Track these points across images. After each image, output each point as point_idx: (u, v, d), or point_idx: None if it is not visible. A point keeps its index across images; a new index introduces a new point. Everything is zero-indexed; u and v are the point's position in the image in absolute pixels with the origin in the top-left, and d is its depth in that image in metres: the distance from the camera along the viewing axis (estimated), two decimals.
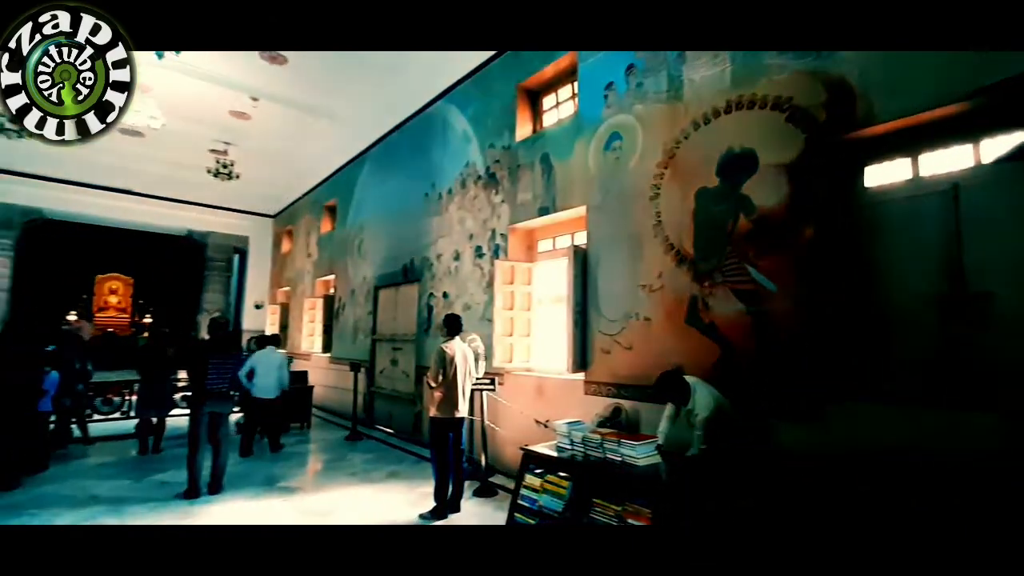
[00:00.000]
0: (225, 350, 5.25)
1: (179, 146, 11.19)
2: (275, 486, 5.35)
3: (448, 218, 7.29)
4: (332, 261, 11.38)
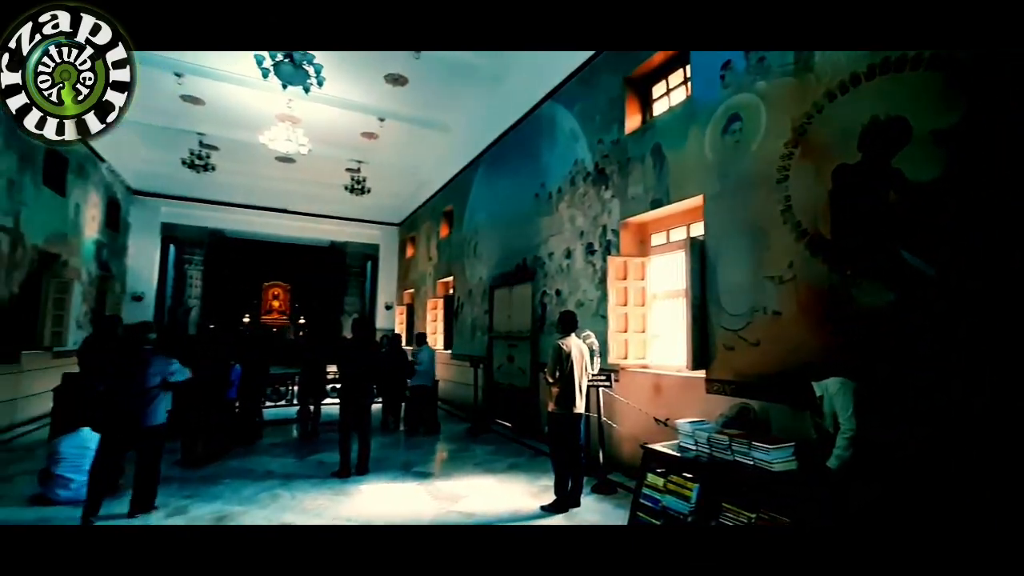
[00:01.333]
0: (367, 347, 5.73)
1: (321, 168, 12.46)
2: (411, 471, 5.71)
3: (558, 217, 7.26)
4: (450, 263, 11.92)
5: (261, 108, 9.21)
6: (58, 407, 6.04)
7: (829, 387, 3.01)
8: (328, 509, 4.45)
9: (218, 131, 10.43)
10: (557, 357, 4.46)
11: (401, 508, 4.50)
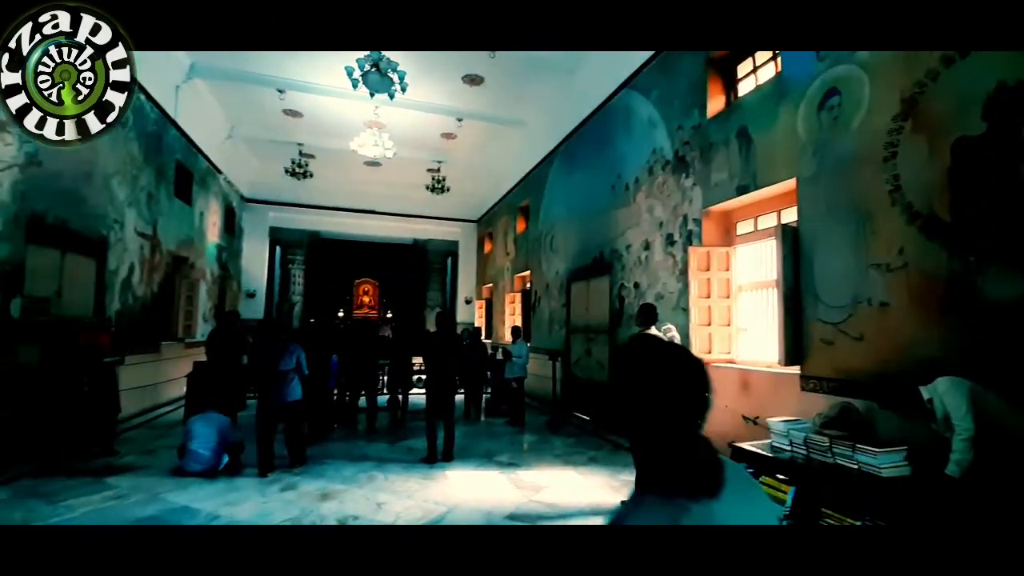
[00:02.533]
0: (449, 340, 5.91)
1: (405, 170, 12.99)
2: (493, 459, 5.82)
3: (636, 208, 7.04)
4: (527, 258, 11.96)
5: (351, 116, 9.75)
6: (190, 391, 6.80)
7: (939, 387, 2.66)
8: (418, 492, 4.64)
9: (314, 140, 11.19)
10: None
11: (485, 494, 4.60)
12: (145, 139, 7.97)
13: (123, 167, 7.34)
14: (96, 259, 6.75)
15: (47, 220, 5.63)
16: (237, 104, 9.63)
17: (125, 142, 7.36)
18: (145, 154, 7.98)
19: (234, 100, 9.43)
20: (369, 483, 4.86)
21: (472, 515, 4.08)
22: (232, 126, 10.59)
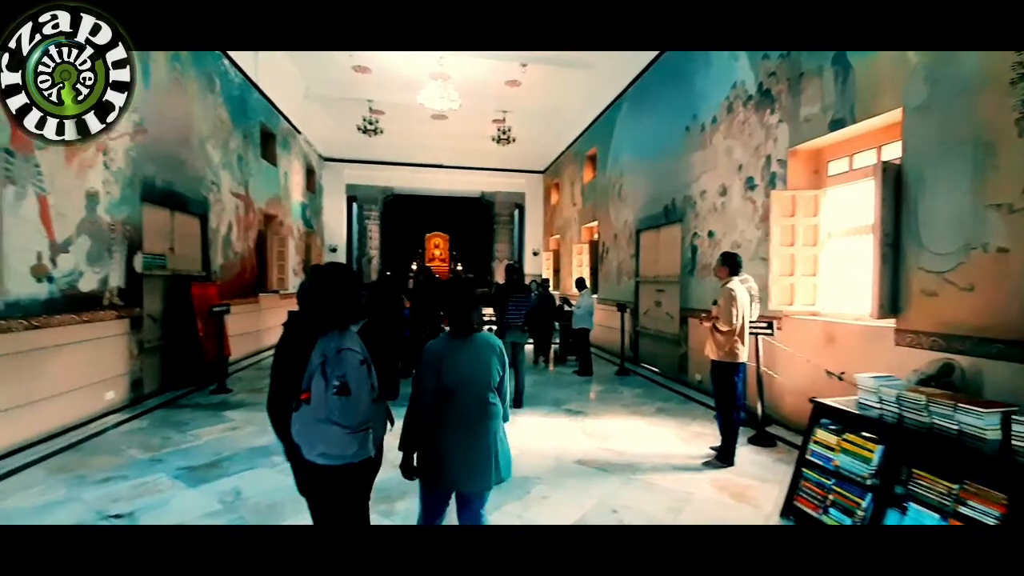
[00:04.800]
0: (520, 291, 5.99)
1: (470, 121, 12.85)
2: (562, 407, 5.95)
3: (712, 151, 6.56)
4: (595, 208, 11.64)
5: (417, 69, 9.68)
6: None
7: None
8: None
9: (383, 96, 11.29)
10: (730, 300, 4.06)
11: (554, 440, 4.73)
12: (231, 103, 8.41)
13: (215, 131, 7.82)
14: (200, 218, 7.37)
15: (157, 184, 6.17)
16: (310, 63, 9.82)
17: (215, 107, 7.81)
18: (233, 118, 8.45)
19: (307, 59, 9.62)
20: None
21: (542, 458, 4.22)
22: (307, 86, 10.87)
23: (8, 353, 3.98)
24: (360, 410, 1.82)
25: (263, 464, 3.96)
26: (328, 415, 1.78)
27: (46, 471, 3.74)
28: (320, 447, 1.81)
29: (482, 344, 2.23)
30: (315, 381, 1.78)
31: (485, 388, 2.18)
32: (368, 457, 1.91)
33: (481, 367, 2.18)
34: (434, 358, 2.16)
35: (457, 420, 2.14)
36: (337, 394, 1.78)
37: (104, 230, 5.18)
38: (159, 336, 6.32)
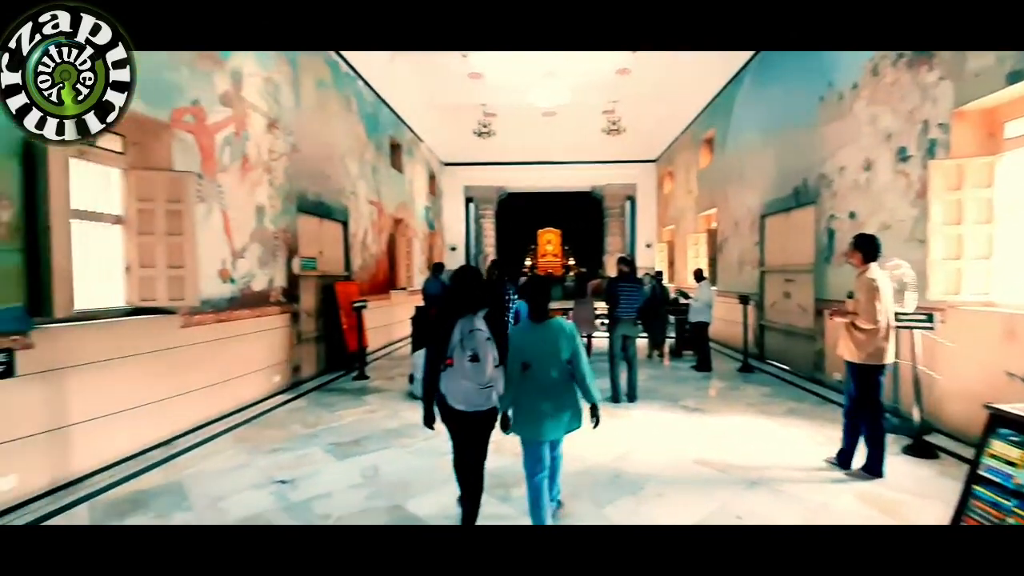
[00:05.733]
0: (632, 284, 5.82)
1: (580, 116, 12.71)
2: (677, 403, 5.67)
3: (852, 121, 5.75)
4: (712, 194, 10.86)
5: (526, 68, 9.80)
6: (414, 330, 8.01)
7: None
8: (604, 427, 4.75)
9: (495, 98, 11.62)
10: (872, 292, 3.45)
11: (670, 437, 4.53)
12: (366, 120, 9.27)
13: (353, 146, 8.69)
14: (342, 224, 8.26)
15: (308, 196, 7.03)
16: (429, 74, 10.42)
17: (352, 124, 8.67)
18: (367, 132, 9.32)
19: (426, 70, 10.22)
20: None
21: (655, 455, 4.07)
22: (428, 96, 11.57)
23: (203, 341, 4.82)
24: (486, 373, 2.46)
25: (396, 445, 4.34)
26: (464, 376, 2.46)
27: (232, 440, 4.49)
28: (459, 397, 2.51)
29: (555, 327, 2.72)
30: (456, 351, 2.47)
31: (557, 361, 2.68)
32: (492, 407, 2.57)
33: (553, 345, 2.67)
34: (518, 339, 2.67)
35: (536, 386, 2.66)
36: (470, 361, 2.45)
37: (270, 238, 6.03)
38: (312, 329, 7.21)
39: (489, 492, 3.25)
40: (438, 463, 3.86)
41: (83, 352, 3.57)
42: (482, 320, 2.53)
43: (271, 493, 3.38)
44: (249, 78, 5.63)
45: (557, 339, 2.68)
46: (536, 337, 2.68)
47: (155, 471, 3.74)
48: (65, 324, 3.45)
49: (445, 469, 3.68)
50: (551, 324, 2.72)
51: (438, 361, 2.51)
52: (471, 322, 2.50)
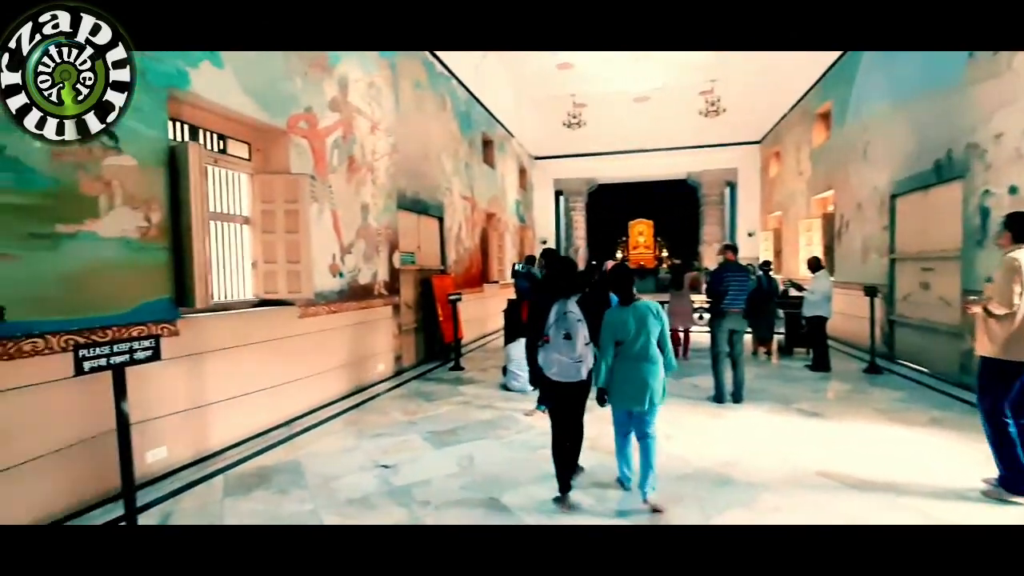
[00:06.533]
0: (739, 273, 5.28)
1: (675, 98, 11.96)
2: (790, 406, 5.09)
3: (1012, 78, 4.73)
4: (829, 175, 9.66)
5: (617, 55, 9.36)
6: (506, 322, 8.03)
7: None
8: (707, 429, 4.43)
9: (585, 87, 11.28)
10: (1012, 273, 2.86)
11: (784, 444, 4.04)
12: (459, 117, 9.43)
13: (447, 144, 8.87)
14: (438, 220, 8.48)
15: (407, 193, 7.28)
16: (518, 66, 10.34)
17: (447, 122, 8.85)
18: (461, 130, 9.48)
19: (516, 63, 10.14)
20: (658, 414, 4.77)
21: (768, 463, 3.63)
22: (518, 90, 11.52)
23: (317, 331, 5.16)
24: (577, 349, 2.88)
25: (490, 436, 4.32)
26: (558, 351, 2.88)
27: (342, 423, 4.76)
28: (554, 369, 2.90)
29: (642, 309, 2.98)
30: (551, 330, 2.90)
31: (645, 340, 2.94)
32: (581, 380, 2.94)
33: (640, 325, 2.93)
34: (611, 320, 2.97)
35: (627, 361, 2.94)
36: (564, 339, 2.87)
37: (373, 234, 6.32)
38: (412, 320, 7.49)
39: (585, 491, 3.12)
40: (531, 457, 3.78)
41: (218, 339, 3.94)
42: (575, 304, 2.92)
43: (375, 476, 3.50)
44: (354, 83, 5.90)
45: (645, 319, 2.94)
46: (626, 318, 2.94)
47: (277, 449, 4.05)
48: (203, 314, 3.83)
49: (538, 464, 3.64)
50: (638, 306, 2.97)
51: (536, 338, 2.93)
52: (565, 305, 2.91)
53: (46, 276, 2.76)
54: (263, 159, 4.77)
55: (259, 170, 4.69)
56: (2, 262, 2.56)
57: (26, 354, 2.64)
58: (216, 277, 4.15)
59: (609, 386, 2.98)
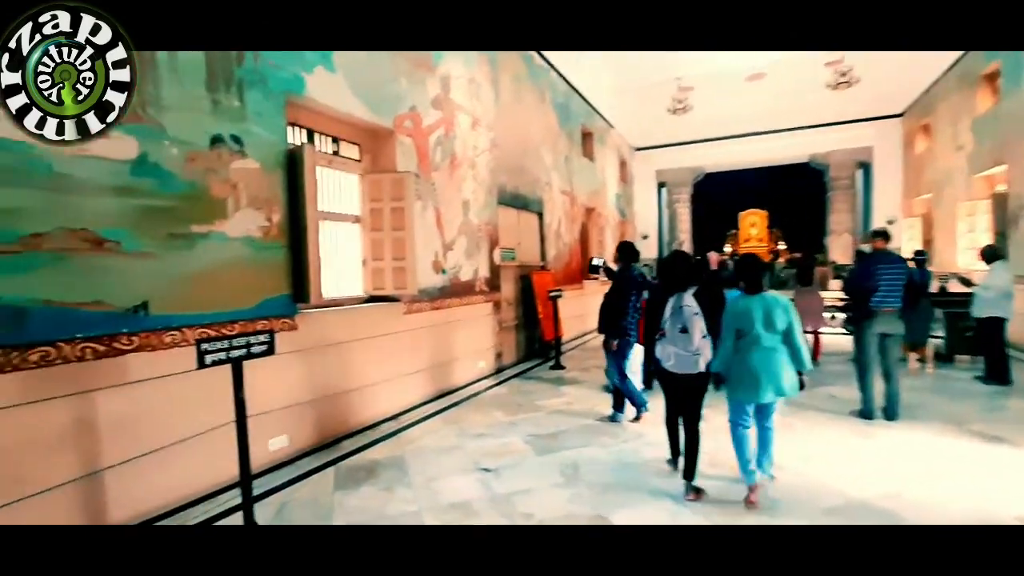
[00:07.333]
0: (894, 263, 4.30)
1: (795, 71, 10.48)
2: (961, 426, 4.07)
3: None
4: (999, 148, 7.82)
5: None
6: None
7: None
8: (857, 450, 3.65)
9: (691, 69, 10.30)
10: None
11: (962, 476, 3.16)
12: (558, 110, 9.09)
13: (546, 137, 8.58)
14: (537, 215, 8.23)
15: (507, 189, 7.11)
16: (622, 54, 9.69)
17: (546, 115, 8.56)
18: (560, 123, 9.14)
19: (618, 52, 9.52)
20: (788, 432, 3.98)
21: (946, 500, 2.83)
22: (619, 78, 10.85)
23: (421, 327, 5.15)
24: (693, 342, 2.87)
25: (595, 443, 3.95)
26: (674, 344, 2.93)
27: (443, 421, 4.67)
28: (671, 361, 2.94)
29: (769, 301, 2.89)
30: (667, 323, 2.97)
31: (770, 331, 2.84)
32: (700, 372, 2.90)
33: (765, 316, 2.84)
34: (734, 310, 2.93)
35: (748, 352, 2.86)
36: (680, 332, 2.90)
37: (474, 231, 6.22)
38: (512, 317, 7.33)
39: None
40: (641, 473, 3.36)
41: (331, 334, 4.03)
42: (691, 297, 2.93)
43: (477, 480, 3.32)
44: (455, 80, 5.82)
45: (772, 311, 2.84)
46: (751, 307, 2.86)
47: (385, 443, 4.05)
48: (317, 310, 3.92)
49: (648, 480, 3.23)
50: (766, 297, 2.89)
51: (653, 332, 2.99)
52: (681, 299, 2.93)
53: (182, 273, 2.92)
54: (372, 159, 4.83)
55: (368, 170, 4.76)
56: (146, 260, 2.74)
57: (166, 346, 2.81)
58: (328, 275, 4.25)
59: (728, 375, 2.93)
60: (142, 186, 2.73)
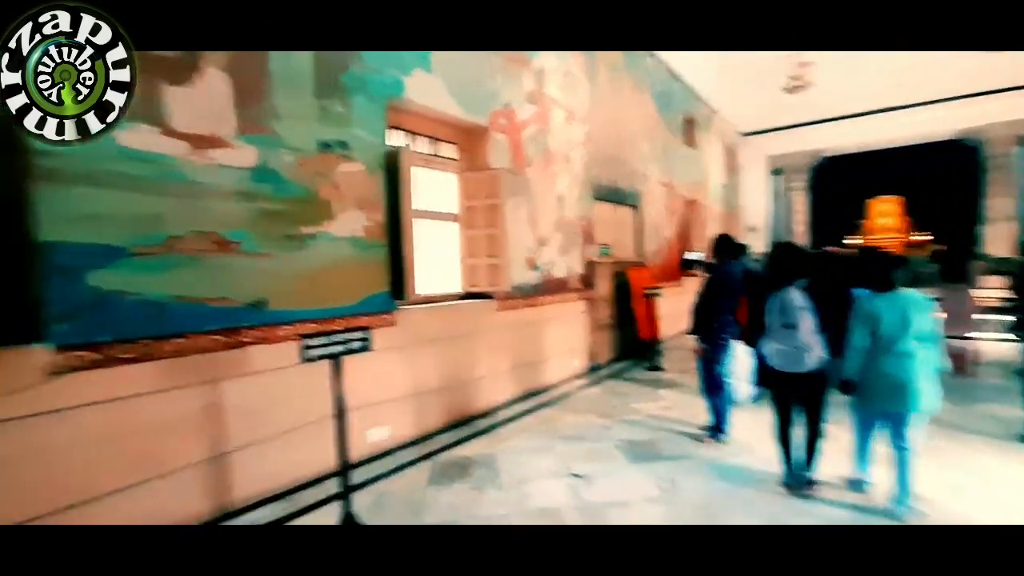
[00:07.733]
0: None
1: None
2: None
3: None
4: None
5: None
6: None
7: None
8: None
9: None
10: None
11: None
12: (657, 98, 8.51)
13: (644, 126, 8.07)
14: (634, 209, 7.78)
15: (602, 182, 6.78)
16: None
17: (643, 104, 8.04)
18: (659, 110, 8.56)
19: None
20: (934, 456, 3.25)
21: None
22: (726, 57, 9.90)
23: (514, 324, 5.07)
24: (798, 339, 2.72)
25: (695, 455, 3.58)
26: (778, 340, 2.81)
27: (536, 420, 4.56)
28: (775, 358, 2.82)
29: (903, 299, 2.58)
30: (771, 319, 2.84)
31: (903, 334, 2.53)
32: (808, 370, 2.72)
33: (899, 317, 2.54)
34: (866, 309, 2.63)
35: (878, 357, 2.60)
36: (784, 327, 2.77)
37: (568, 226, 6.01)
38: (607, 315, 7.00)
39: None
40: (746, 491, 2.97)
41: (426, 331, 4.08)
42: (797, 291, 2.77)
43: (568, 486, 3.15)
44: (550, 74, 5.63)
45: (907, 311, 2.55)
46: (881, 307, 2.60)
47: (478, 440, 4.03)
48: (413, 307, 3.99)
49: (753, 502, 2.83)
50: (899, 295, 2.60)
51: (757, 329, 2.86)
52: (787, 293, 2.80)
53: (294, 272, 3.10)
54: (469, 158, 4.83)
55: (464, 169, 4.76)
56: (263, 260, 2.94)
57: (280, 339, 2.99)
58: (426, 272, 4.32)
59: (859, 380, 2.70)
60: (261, 191, 2.92)
